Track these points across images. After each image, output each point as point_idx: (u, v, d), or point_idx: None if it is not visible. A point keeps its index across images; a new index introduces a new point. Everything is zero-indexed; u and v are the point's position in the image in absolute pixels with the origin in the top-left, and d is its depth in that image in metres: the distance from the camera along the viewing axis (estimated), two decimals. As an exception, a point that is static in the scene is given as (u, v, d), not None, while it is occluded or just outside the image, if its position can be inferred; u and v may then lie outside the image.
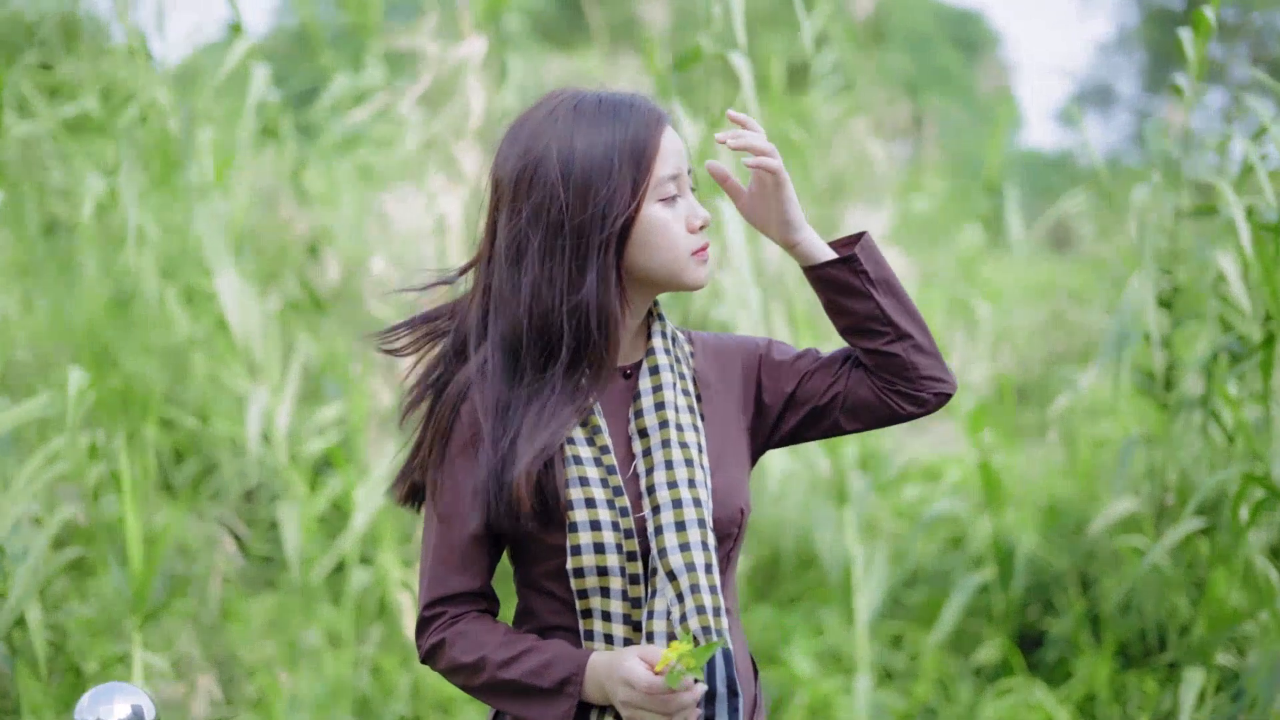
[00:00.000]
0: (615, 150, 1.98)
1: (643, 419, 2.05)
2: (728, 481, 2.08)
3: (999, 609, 4.66)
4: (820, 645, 4.72)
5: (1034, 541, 4.73)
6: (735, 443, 2.12)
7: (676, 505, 1.99)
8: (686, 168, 2.04)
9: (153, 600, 3.46)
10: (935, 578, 5.04)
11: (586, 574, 1.97)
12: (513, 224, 2.00)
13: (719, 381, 2.14)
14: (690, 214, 2.04)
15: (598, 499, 1.98)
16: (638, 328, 2.10)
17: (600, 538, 1.97)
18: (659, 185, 2.00)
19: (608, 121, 1.99)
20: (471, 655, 2.01)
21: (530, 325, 1.99)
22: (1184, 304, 3.93)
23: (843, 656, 4.69)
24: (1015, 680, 4.40)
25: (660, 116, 2.03)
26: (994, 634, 4.64)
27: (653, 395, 2.06)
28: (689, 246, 2.03)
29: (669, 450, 2.02)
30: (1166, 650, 4.07)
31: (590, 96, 2.03)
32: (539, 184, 1.97)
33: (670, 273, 2.03)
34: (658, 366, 2.08)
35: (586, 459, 2.00)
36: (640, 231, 2.00)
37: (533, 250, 1.98)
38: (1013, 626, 4.67)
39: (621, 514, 1.98)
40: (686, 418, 2.06)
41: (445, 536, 2.05)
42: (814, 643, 4.70)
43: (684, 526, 1.98)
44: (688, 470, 2.01)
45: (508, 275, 2.01)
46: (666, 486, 2.00)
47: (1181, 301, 3.93)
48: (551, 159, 1.97)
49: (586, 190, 1.96)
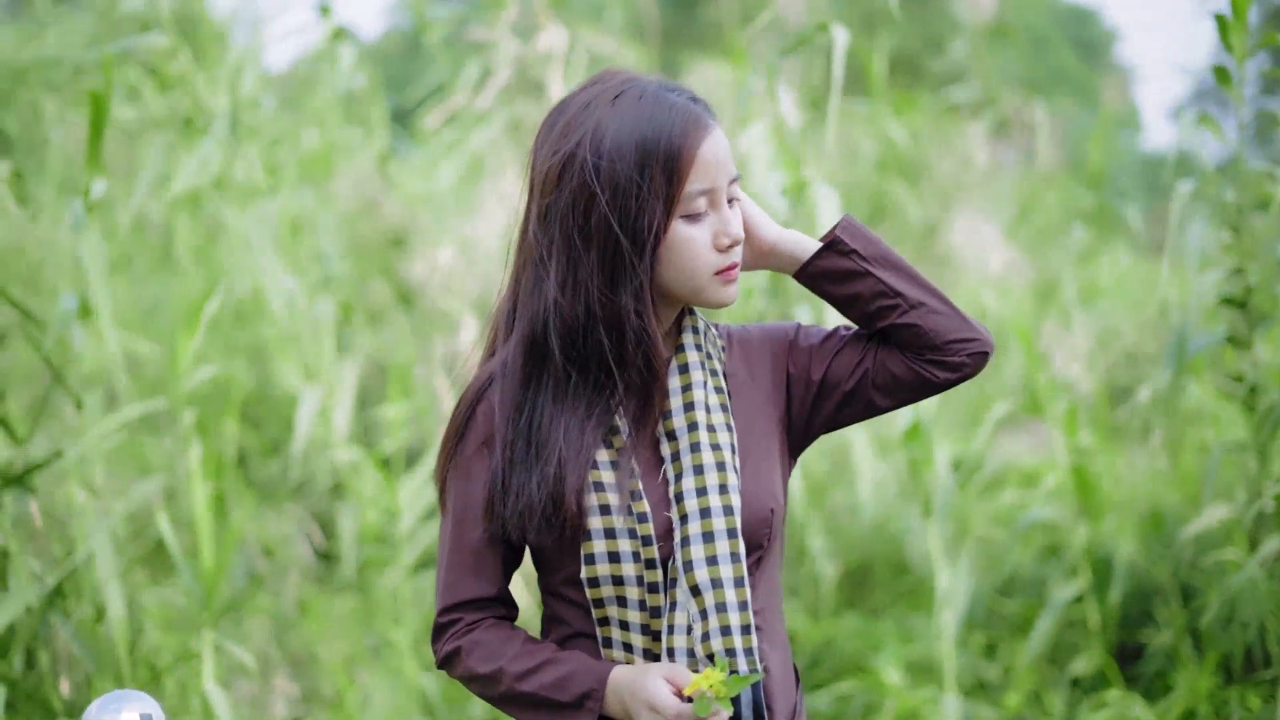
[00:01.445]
0: (649, 157, 1.86)
1: (671, 421, 1.95)
2: (756, 481, 1.97)
3: (1096, 619, 4.51)
4: (910, 654, 4.60)
5: (1133, 550, 4.57)
6: (765, 438, 2.01)
7: (705, 514, 1.89)
8: (727, 178, 1.91)
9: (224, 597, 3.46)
10: (1030, 586, 4.89)
11: (601, 583, 1.89)
12: (541, 220, 1.91)
13: (748, 375, 2.04)
14: (720, 230, 1.91)
15: (613, 505, 1.89)
16: (667, 330, 2.01)
17: (616, 546, 1.89)
18: (686, 200, 1.88)
19: (645, 121, 1.87)
20: (488, 665, 1.94)
21: (554, 330, 1.90)
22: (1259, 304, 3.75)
23: (934, 666, 4.56)
24: (1112, 694, 4.25)
25: (701, 122, 1.89)
26: (1091, 645, 4.49)
27: (682, 395, 1.96)
28: (712, 266, 1.91)
29: (699, 454, 1.92)
30: (1271, 665, 3.90)
31: (633, 89, 1.90)
32: (568, 182, 1.87)
33: (691, 291, 1.92)
34: (687, 365, 1.98)
35: (603, 463, 1.91)
36: (664, 248, 1.89)
37: (558, 251, 1.89)
38: (1110, 638, 4.52)
39: (639, 520, 1.89)
40: (719, 417, 1.96)
41: (459, 540, 1.97)
42: (904, 652, 4.58)
43: (712, 538, 1.89)
44: (718, 475, 1.92)
45: (533, 273, 1.92)
46: (695, 494, 1.91)
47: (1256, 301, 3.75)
48: (583, 157, 1.87)
49: (616, 198, 1.86)
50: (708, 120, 1.90)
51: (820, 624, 4.71)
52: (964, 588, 4.41)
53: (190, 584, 3.38)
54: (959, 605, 4.38)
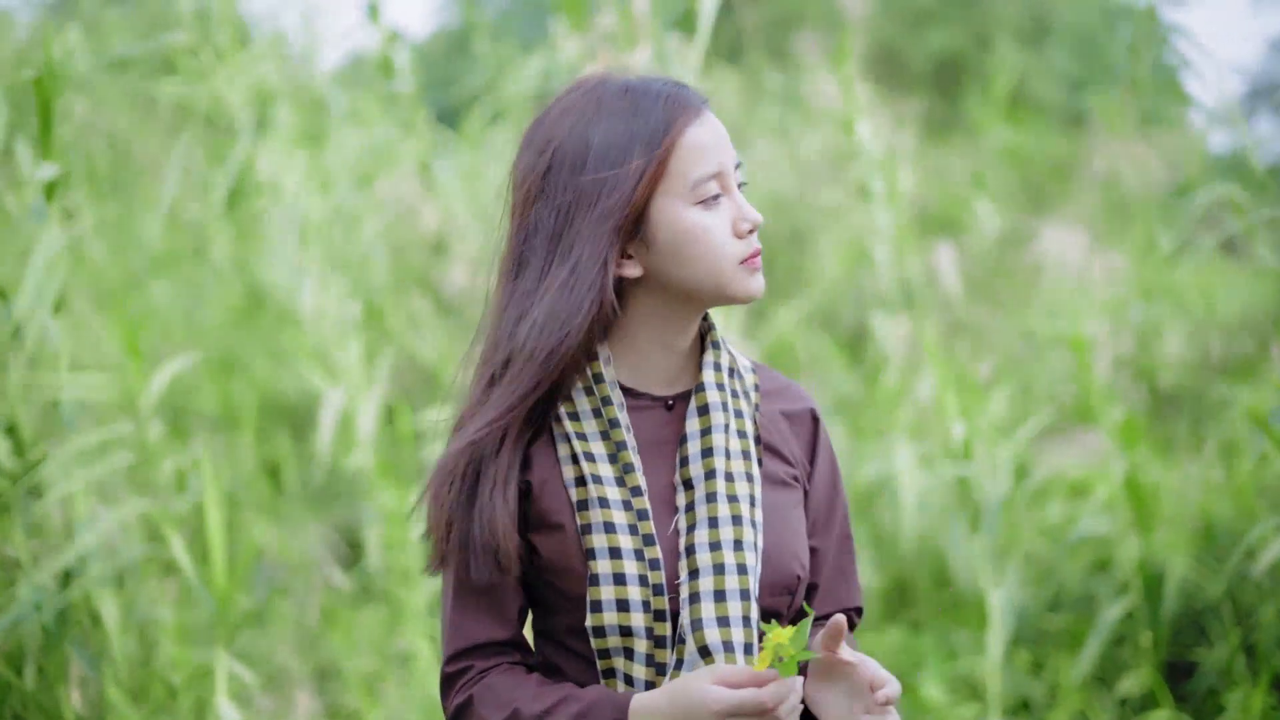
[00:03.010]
0: (630, 138, 1.72)
1: (688, 468, 1.78)
2: (781, 541, 1.81)
3: (1147, 636, 4.35)
4: (953, 671, 4.46)
5: (1185, 565, 4.41)
6: (792, 495, 1.86)
7: (719, 571, 1.72)
8: (733, 163, 1.78)
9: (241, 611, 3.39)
10: (1079, 602, 4.73)
11: (608, 633, 1.72)
12: (520, 230, 1.77)
13: (780, 434, 1.88)
14: (737, 216, 1.77)
15: (624, 548, 1.73)
16: (686, 350, 1.83)
17: (625, 594, 1.72)
18: (696, 185, 1.74)
19: (630, 110, 1.74)
20: (502, 712, 1.74)
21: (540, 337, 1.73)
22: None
23: (977, 684, 4.42)
24: (1162, 714, 4.10)
25: (691, 105, 1.76)
26: (1140, 663, 4.34)
27: (700, 440, 1.79)
28: (735, 254, 1.76)
29: (714, 505, 1.75)
30: (1328, 686, 3.76)
31: (615, 85, 1.78)
32: (550, 183, 1.74)
33: (715, 285, 1.76)
34: (707, 405, 1.80)
35: (614, 501, 1.74)
36: (673, 240, 1.74)
37: (535, 258, 1.75)
38: (1161, 656, 4.36)
39: (651, 567, 1.73)
40: (739, 465, 1.79)
41: (465, 579, 1.78)
42: (947, 668, 4.44)
43: (724, 597, 1.72)
44: (734, 530, 1.75)
45: (505, 291, 1.78)
46: (709, 548, 1.73)
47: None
48: (561, 163, 1.74)
49: (594, 182, 1.72)
50: (698, 102, 1.78)
51: (860, 639, 4.57)
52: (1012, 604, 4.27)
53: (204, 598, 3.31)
54: (1007, 622, 4.23)
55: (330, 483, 4.64)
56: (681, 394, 1.83)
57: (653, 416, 1.81)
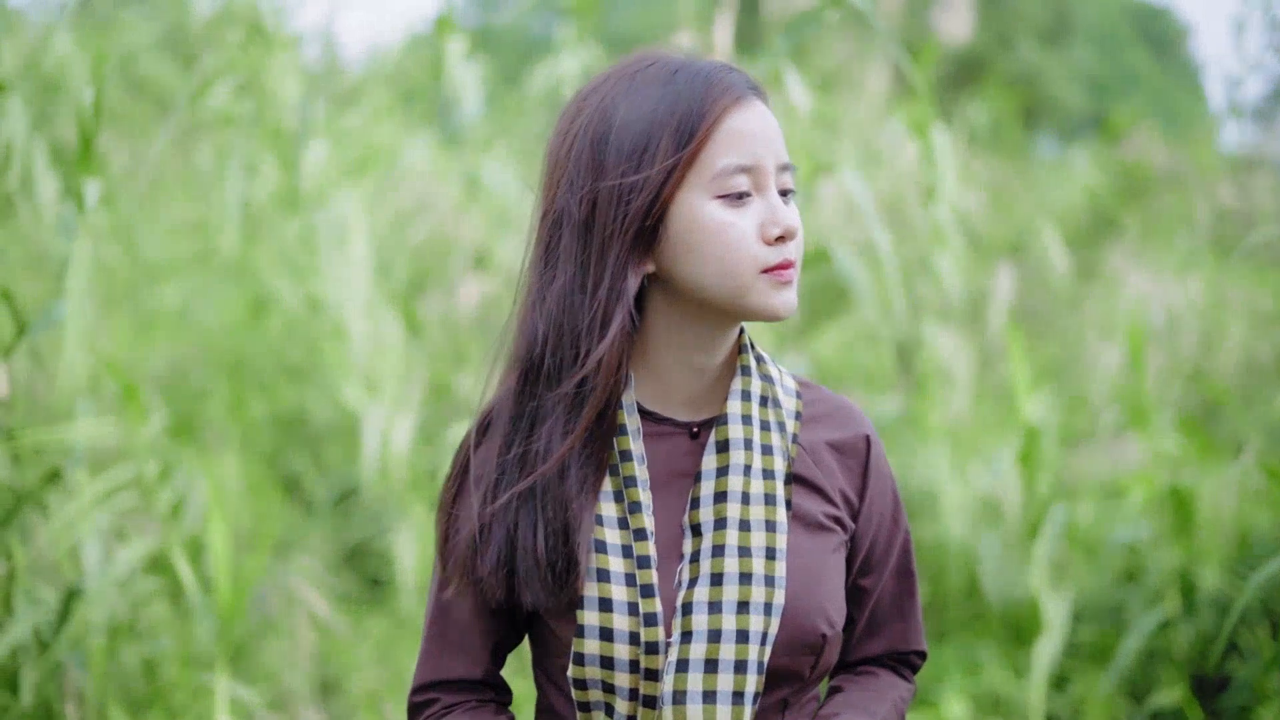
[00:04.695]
0: (660, 121, 1.54)
1: (698, 511, 1.60)
2: (808, 592, 1.61)
3: (1182, 649, 4.22)
4: (979, 686, 4.33)
5: (1220, 575, 4.27)
6: (828, 543, 1.67)
7: (714, 638, 1.55)
8: (775, 161, 1.57)
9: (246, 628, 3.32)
10: (1108, 613, 4.60)
11: (589, 686, 1.58)
12: (546, 216, 1.62)
13: (824, 467, 1.68)
14: (768, 219, 1.56)
15: (615, 600, 1.56)
16: (717, 370, 1.65)
17: (611, 650, 1.56)
18: (720, 177, 1.54)
19: (664, 89, 1.56)
20: None
21: (557, 341, 1.57)
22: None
23: (1003, 701, 4.29)
24: (1193, 730, 3.99)
25: (735, 89, 1.57)
26: (1172, 677, 4.21)
27: (715, 481, 1.60)
28: (758, 261, 1.55)
29: (720, 560, 1.57)
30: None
31: (661, 63, 1.59)
32: (572, 171, 1.57)
33: (730, 292, 1.56)
34: (727, 442, 1.61)
35: (612, 546, 1.58)
36: (687, 235, 1.55)
37: (564, 249, 1.58)
38: (1194, 669, 4.23)
39: (646, 622, 1.56)
40: (759, 511, 1.60)
41: (444, 606, 1.68)
42: (972, 683, 4.31)
43: (715, 668, 1.55)
44: (740, 589, 1.56)
45: (534, 279, 1.62)
46: (707, 608, 1.56)
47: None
48: (590, 140, 1.57)
49: (618, 170, 1.55)
50: (745, 89, 1.58)
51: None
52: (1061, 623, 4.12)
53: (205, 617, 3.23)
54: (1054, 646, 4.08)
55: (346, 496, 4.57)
56: (708, 421, 1.65)
57: (674, 445, 1.64)
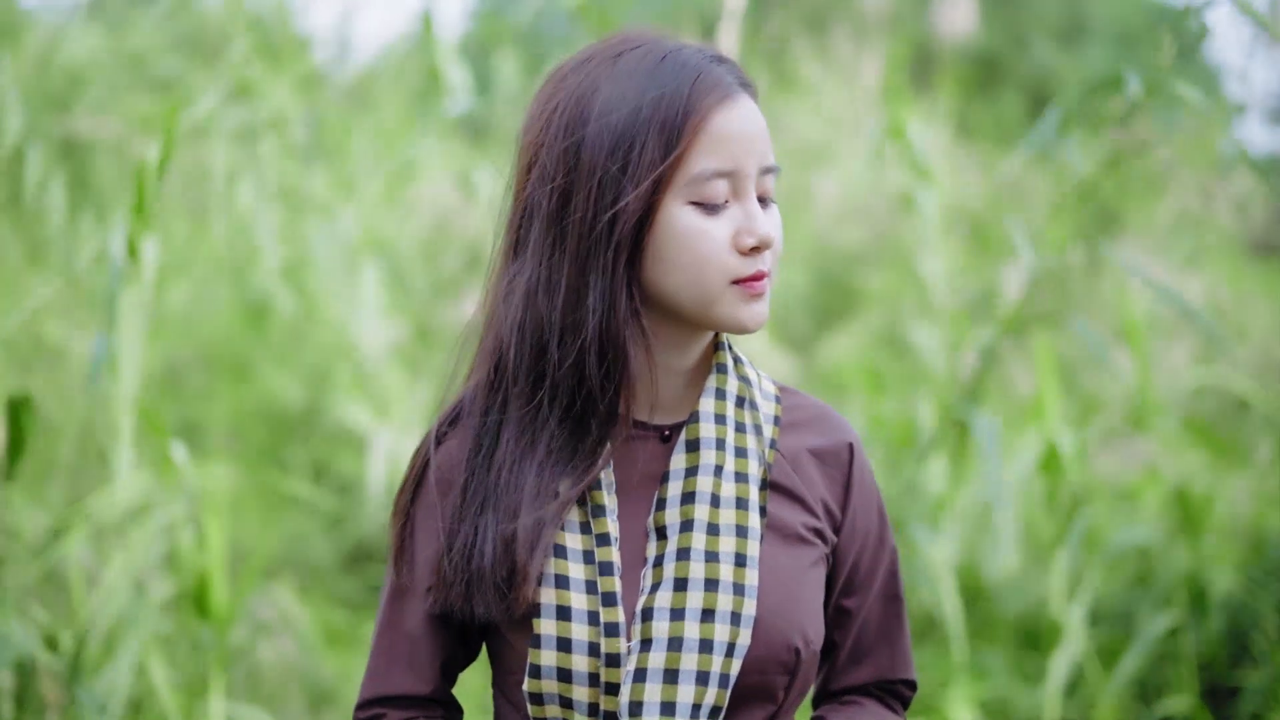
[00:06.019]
0: (643, 119, 1.46)
1: (663, 514, 1.52)
2: (783, 607, 1.53)
3: (1192, 655, 4.17)
4: (986, 693, 4.28)
5: (1232, 579, 4.22)
6: (806, 556, 1.58)
7: (674, 646, 1.48)
8: (758, 165, 1.49)
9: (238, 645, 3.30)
10: (1119, 617, 4.54)
11: (546, 701, 1.50)
12: (518, 204, 1.54)
13: (804, 476, 1.60)
14: (743, 228, 1.48)
15: (574, 609, 1.49)
16: (690, 372, 1.58)
17: (569, 662, 1.48)
18: (696, 182, 1.46)
19: (647, 80, 1.47)
20: None
21: (520, 340, 1.50)
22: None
23: (1011, 707, 4.25)
24: (1202, 737, 3.95)
25: (722, 86, 1.48)
26: (1181, 683, 4.16)
27: (683, 481, 1.53)
28: (729, 271, 1.48)
29: (685, 564, 1.50)
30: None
31: (643, 46, 1.51)
32: (547, 159, 1.49)
33: (697, 303, 1.49)
34: (698, 440, 1.54)
35: (573, 551, 1.50)
36: (658, 239, 1.47)
37: (534, 246, 1.50)
38: (1203, 675, 4.18)
39: (607, 633, 1.49)
40: (729, 515, 1.52)
41: (395, 618, 1.60)
42: (978, 689, 4.27)
43: (675, 678, 1.47)
44: (705, 596, 1.49)
45: (504, 271, 1.54)
46: (669, 615, 1.49)
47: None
48: (565, 125, 1.49)
49: (598, 174, 1.46)
50: (733, 85, 1.50)
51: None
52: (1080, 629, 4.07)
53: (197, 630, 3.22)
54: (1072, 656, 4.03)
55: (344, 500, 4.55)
56: (680, 424, 1.57)
57: (644, 449, 1.56)
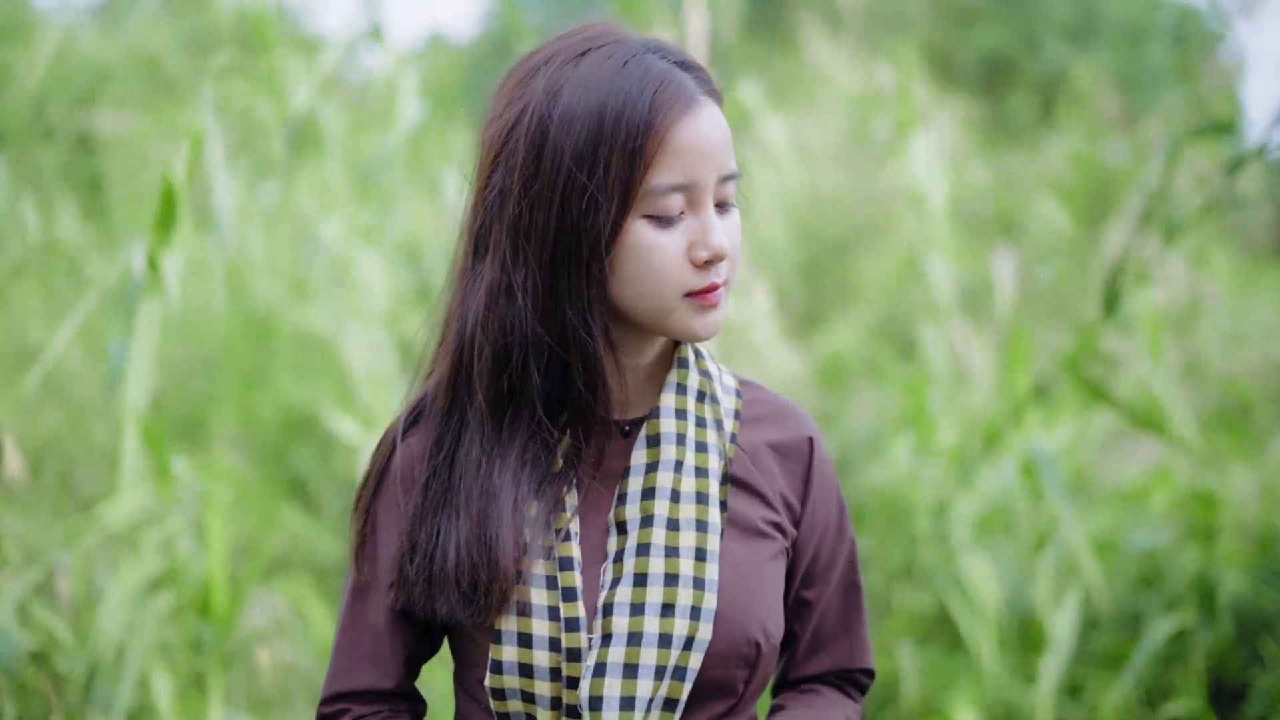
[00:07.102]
0: (608, 133, 1.45)
1: (624, 509, 1.54)
2: (742, 601, 1.55)
3: (1200, 656, 4.14)
4: (988, 695, 4.26)
5: (1241, 580, 4.20)
6: (766, 550, 1.60)
7: (634, 641, 1.49)
8: (716, 173, 1.49)
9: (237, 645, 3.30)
10: (1124, 620, 4.52)
11: (509, 697, 1.52)
12: (479, 208, 1.54)
13: (764, 470, 1.62)
14: (697, 241, 1.48)
15: (534, 604, 1.50)
16: (650, 366, 1.59)
17: (530, 658, 1.50)
18: (653, 196, 1.46)
19: (610, 86, 1.46)
20: None
21: (482, 349, 1.51)
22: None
23: (1013, 709, 4.23)
24: (1208, 740, 3.92)
25: (684, 94, 1.48)
26: (1188, 685, 4.13)
27: (644, 477, 1.55)
28: (682, 285, 1.49)
29: (645, 559, 1.51)
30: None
31: (606, 46, 1.50)
32: (507, 160, 1.49)
33: (650, 314, 1.51)
34: (659, 436, 1.56)
35: (534, 547, 1.52)
36: (616, 253, 1.48)
37: (494, 248, 1.51)
38: (1211, 678, 4.16)
39: (568, 628, 1.50)
40: (689, 510, 1.54)
41: (358, 614, 1.62)
42: (980, 691, 4.25)
43: (635, 673, 1.49)
44: (664, 591, 1.50)
45: (465, 271, 1.55)
46: (629, 610, 1.50)
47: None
48: (526, 128, 1.48)
49: (562, 183, 1.46)
50: (695, 93, 1.49)
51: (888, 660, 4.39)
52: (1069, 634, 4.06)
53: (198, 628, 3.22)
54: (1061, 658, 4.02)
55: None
56: (641, 419, 1.60)
57: (605, 444, 1.57)
